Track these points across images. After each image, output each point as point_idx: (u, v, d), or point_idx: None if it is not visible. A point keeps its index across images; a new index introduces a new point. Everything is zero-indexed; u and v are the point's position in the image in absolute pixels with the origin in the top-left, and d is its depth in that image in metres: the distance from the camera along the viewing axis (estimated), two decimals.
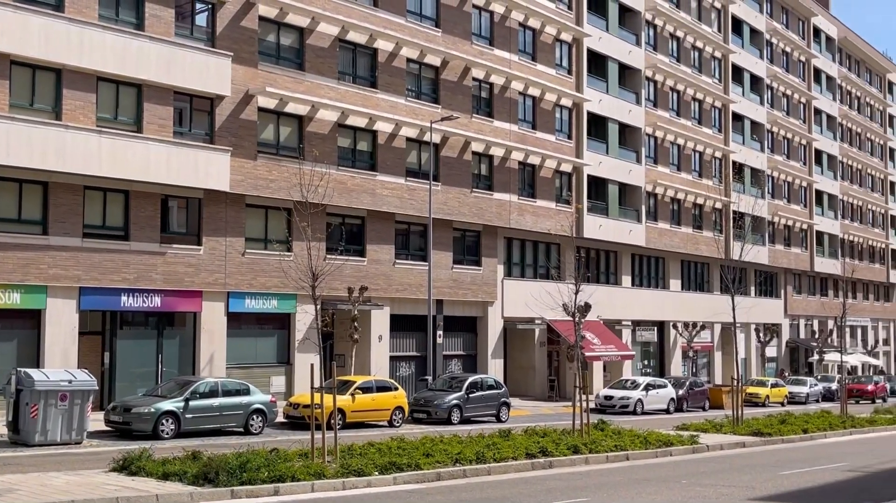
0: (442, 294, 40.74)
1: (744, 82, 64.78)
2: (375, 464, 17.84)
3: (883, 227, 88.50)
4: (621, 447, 22.75)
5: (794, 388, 55.14)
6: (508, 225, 44.21)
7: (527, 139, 45.25)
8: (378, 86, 38.44)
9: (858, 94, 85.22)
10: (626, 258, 53.23)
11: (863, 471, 20.87)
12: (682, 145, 57.37)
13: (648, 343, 55.58)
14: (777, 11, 70.61)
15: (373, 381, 31.60)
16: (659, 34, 55.66)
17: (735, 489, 17.41)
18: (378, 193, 38.09)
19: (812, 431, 29.76)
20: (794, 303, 71.69)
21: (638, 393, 41.40)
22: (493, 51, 43.78)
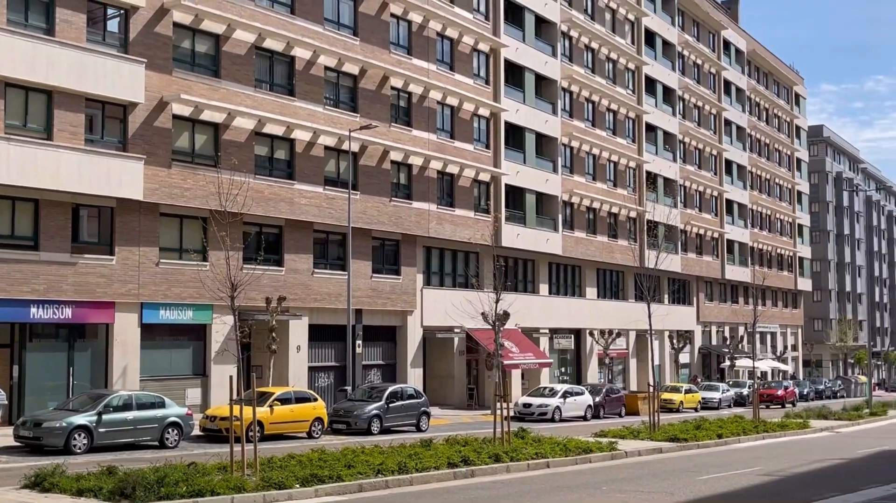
0: (361, 303, 40.54)
1: (656, 93, 65.96)
2: (296, 476, 17.61)
3: (790, 236, 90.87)
4: (542, 454, 22.86)
5: (706, 394, 56.17)
6: (428, 234, 44.22)
7: (445, 148, 45.36)
8: (296, 94, 38.14)
9: (766, 106, 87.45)
10: (543, 266, 53.69)
11: (777, 475, 21.31)
12: (598, 155, 58.14)
13: (565, 350, 56.11)
14: (688, 24, 72.13)
15: (291, 393, 31.25)
16: (574, 45, 56.36)
17: (655, 495, 17.61)
18: (296, 202, 37.75)
19: (726, 436, 30.31)
20: (706, 310, 73.13)
21: (556, 400, 41.71)
22: (412, 60, 43.80)
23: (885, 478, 20.50)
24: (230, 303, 19.09)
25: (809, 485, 19.24)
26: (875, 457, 26.23)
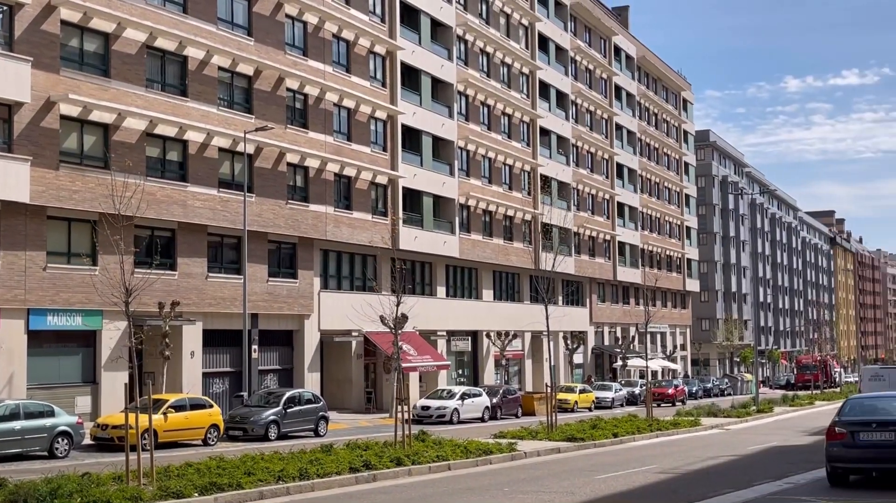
0: (257, 308, 39.99)
1: (550, 98, 66.83)
2: (195, 485, 17.20)
3: (679, 238, 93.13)
4: (443, 457, 22.86)
5: (600, 394, 57.08)
6: (325, 237, 43.89)
7: (342, 151, 45.09)
8: (188, 94, 37.42)
9: (656, 111, 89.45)
10: (440, 269, 53.83)
11: (673, 472, 21.74)
12: (493, 158, 58.59)
13: (463, 352, 56.35)
14: (580, 30, 73.29)
15: (186, 399, 30.60)
16: (470, 49, 56.70)
17: (556, 495, 17.77)
18: (189, 205, 37.02)
19: (622, 435, 30.82)
20: (599, 311, 74.38)
21: (454, 402, 41.85)
22: (308, 61, 43.42)
23: (776, 473, 21.09)
24: (125, 308, 18.56)
25: (704, 482, 19.67)
26: (765, 453, 27.00)
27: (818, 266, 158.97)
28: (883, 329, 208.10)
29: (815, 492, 17.61)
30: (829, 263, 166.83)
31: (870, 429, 17.48)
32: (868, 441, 17.47)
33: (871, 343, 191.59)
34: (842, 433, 17.70)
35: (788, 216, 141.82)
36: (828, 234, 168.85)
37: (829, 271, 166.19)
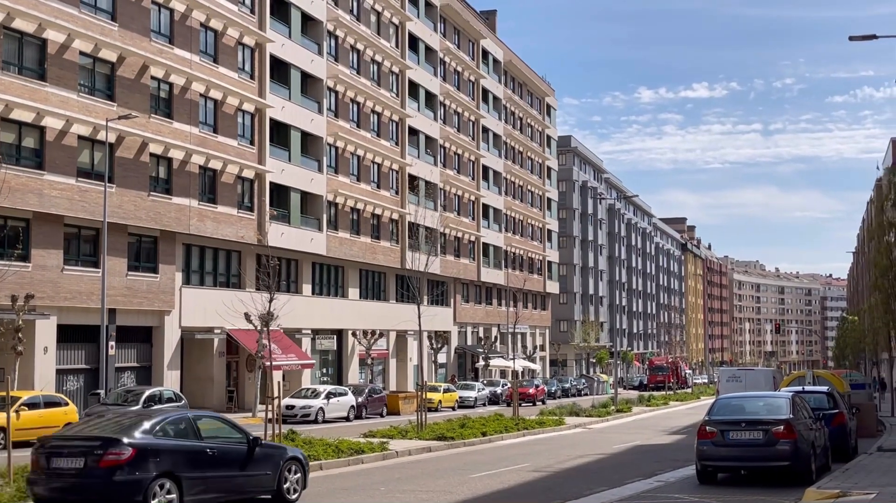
0: (116, 302, 38.53)
1: (419, 98, 66.86)
2: None
3: (541, 241, 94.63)
4: (314, 457, 22.36)
5: (463, 393, 57.33)
6: (188, 231, 42.68)
7: (208, 143, 43.95)
8: (47, 79, 35.80)
9: (521, 115, 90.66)
10: (306, 266, 53.12)
11: (545, 470, 21.88)
12: (362, 156, 58.19)
13: (327, 351, 55.77)
14: (450, 32, 73.60)
15: (40, 397, 29.27)
16: (340, 45, 56.15)
17: (434, 494, 17.60)
18: (46, 194, 35.40)
19: (490, 434, 30.92)
20: (463, 311, 74.84)
21: (319, 401, 41.28)
22: (174, 50, 42.16)
23: (645, 471, 21.46)
24: None
25: (578, 480, 19.84)
26: (631, 452, 27.53)
27: (670, 271, 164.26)
28: (729, 332, 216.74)
29: (685, 489, 17.95)
30: (680, 268, 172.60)
31: (739, 428, 17.96)
32: (738, 440, 17.94)
33: (718, 346, 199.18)
34: (712, 432, 18.12)
35: (643, 222, 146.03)
36: (679, 240, 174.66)
37: (680, 276, 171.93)
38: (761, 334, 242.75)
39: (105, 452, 13.88)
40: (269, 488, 16.09)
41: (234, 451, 15.67)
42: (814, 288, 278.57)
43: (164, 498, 14.15)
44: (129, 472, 13.83)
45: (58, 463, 14.16)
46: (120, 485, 13.79)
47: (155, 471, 14.08)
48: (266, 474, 16.03)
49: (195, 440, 15.13)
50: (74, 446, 14.26)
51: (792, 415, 18.06)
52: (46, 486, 14.26)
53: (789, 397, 19.07)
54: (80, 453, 14.05)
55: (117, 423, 15.11)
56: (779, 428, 17.67)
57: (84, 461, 13.94)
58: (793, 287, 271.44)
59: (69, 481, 14.02)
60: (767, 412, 18.38)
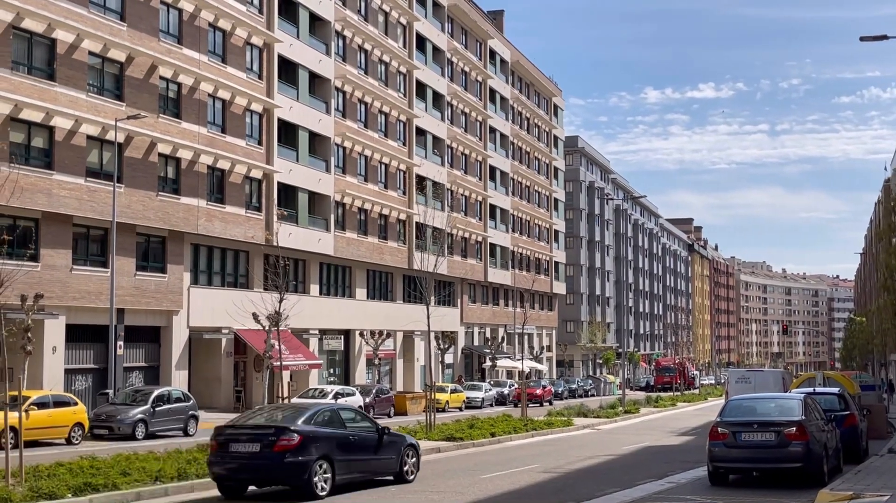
0: (124, 302, 38.56)
1: (427, 98, 66.84)
2: (68, 485, 16.33)
3: (547, 241, 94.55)
4: None
5: (470, 394, 57.36)
6: (196, 231, 42.71)
7: (216, 143, 43.97)
8: (56, 78, 35.84)
9: (528, 116, 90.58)
10: (314, 266, 53.13)
11: (555, 471, 21.84)
12: (370, 156, 58.19)
13: (335, 351, 55.79)
14: (457, 32, 73.57)
15: (49, 396, 29.30)
16: (348, 45, 56.14)
17: (444, 495, 17.57)
18: (55, 194, 35.44)
19: (499, 435, 30.89)
20: (470, 311, 74.82)
21: (327, 402, 41.22)
22: (182, 50, 42.19)
23: (656, 472, 21.40)
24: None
25: (589, 481, 19.79)
26: (640, 453, 27.46)
27: (677, 272, 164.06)
28: (736, 334, 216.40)
29: (697, 490, 17.90)
30: (687, 269, 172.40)
31: (752, 429, 17.89)
32: (750, 441, 17.87)
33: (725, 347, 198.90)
34: (724, 433, 18.06)
35: (650, 222, 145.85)
36: (686, 240, 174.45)
37: (687, 277, 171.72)
38: (768, 335, 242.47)
39: (278, 439, 16.73)
40: (393, 470, 19.16)
41: (369, 439, 18.63)
42: (821, 289, 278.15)
43: (321, 476, 17.08)
44: (296, 455, 16.70)
45: (235, 447, 16.99)
46: (290, 465, 16.67)
47: (315, 454, 17.00)
48: (391, 458, 19.11)
49: (341, 429, 18.10)
50: (250, 434, 17.16)
51: (804, 417, 18.00)
52: (224, 467, 17.10)
53: (801, 398, 19.01)
54: (255, 439, 16.90)
55: (281, 415, 18.13)
56: (791, 429, 17.61)
57: (259, 446, 16.77)
58: (800, 288, 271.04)
59: (245, 462, 16.89)
60: (779, 413, 18.32)
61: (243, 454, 16.91)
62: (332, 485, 17.30)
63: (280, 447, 16.66)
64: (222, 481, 17.40)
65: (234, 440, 17.14)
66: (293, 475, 16.78)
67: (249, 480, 17.40)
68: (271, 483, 17.32)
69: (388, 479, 19.00)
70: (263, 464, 16.77)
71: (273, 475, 16.91)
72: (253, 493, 17.81)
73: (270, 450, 16.64)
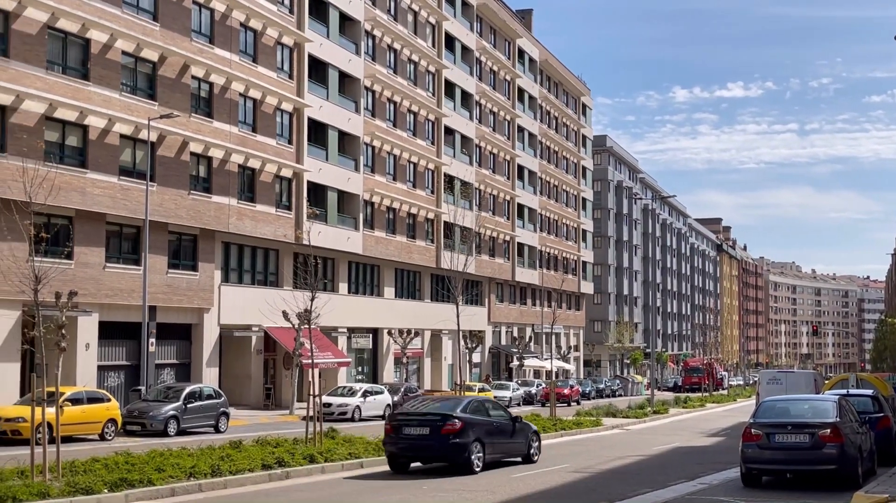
0: (156, 300, 38.88)
1: (455, 97, 66.90)
2: (104, 480, 16.52)
3: (575, 241, 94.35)
4: (355, 455, 22.52)
5: (498, 393, 57.21)
6: (227, 229, 42.99)
7: (247, 142, 44.24)
8: (90, 78, 36.19)
9: (556, 115, 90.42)
10: (343, 265, 53.32)
11: (586, 471, 21.82)
12: (398, 155, 58.32)
13: (363, 350, 55.97)
14: (486, 31, 73.55)
15: (83, 393, 29.64)
16: (378, 45, 56.30)
17: (477, 493, 17.61)
18: (88, 192, 35.79)
19: None
20: (497, 310, 74.78)
21: (356, 399, 41.44)
22: (214, 49, 42.47)
23: (688, 473, 21.34)
24: (34, 297, 17.90)
25: (620, 481, 19.77)
26: (671, 453, 27.38)
27: (706, 272, 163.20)
28: (764, 334, 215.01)
29: (730, 492, 17.83)
30: (715, 269, 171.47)
31: (785, 431, 17.80)
32: (784, 443, 17.77)
33: (754, 348, 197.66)
34: (758, 435, 17.97)
35: (679, 222, 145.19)
36: (715, 241, 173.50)
37: (715, 277, 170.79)
38: (797, 336, 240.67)
39: (444, 423, 20.48)
40: (522, 453, 23.09)
41: (506, 425, 22.46)
42: (851, 290, 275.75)
43: (476, 455, 20.77)
44: (458, 437, 20.45)
45: (408, 430, 20.79)
46: (453, 445, 20.47)
47: (472, 437, 20.73)
48: (521, 442, 23.05)
49: (487, 417, 21.92)
50: (420, 419, 21.00)
51: (838, 419, 17.88)
52: (397, 446, 20.92)
53: (835, 400, 18.88)
54: (424, 424, 20.74)
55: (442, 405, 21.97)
56: (825, 431, 17.50)
57: (429, 429, 20.58)
58: (829, 289, 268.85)
59: (415, 442, 20.75)
60: (813, 415, 18.20)
61: (414, 436, 20.61)
62: (483, 463, 20.93)
63: (446, 430, 20.36)
64: (395, 458, 21.15)
65: (406, 424, 20.86)
66: (456, 454, 20.47)
67: (418, 458, 21.30)
68: (437, 460, 21.03)
69: (518, 461, 22.83)
70: (431, 445, 20.52)
71: (439, 453, 20.75)
72: (415, 469, 21.33)
73: (438, 433, 20.37)
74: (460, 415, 20.63)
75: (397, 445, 20.81)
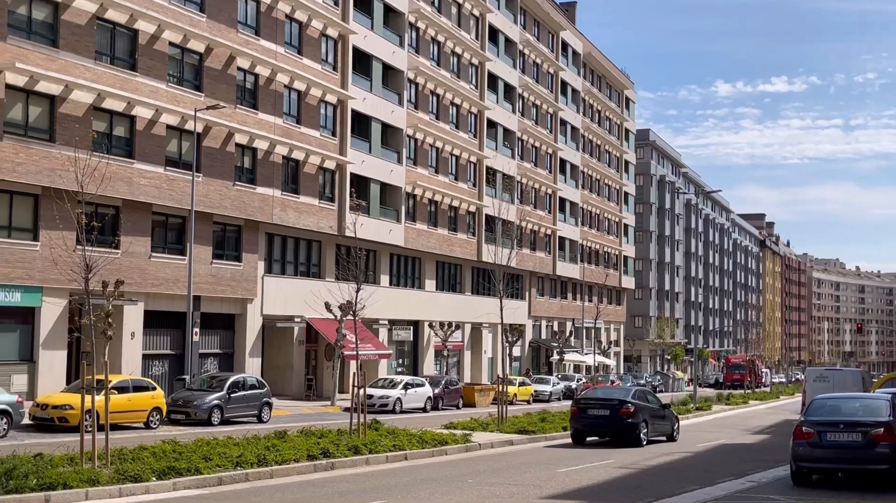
0: (200, 290, 39.12)
1: (498, 90, 66.66)
2: (152, 469, 16.65)
3: (617, 235, 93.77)
4: (399, 447, 22.52)
5: (539, 387, 57.18)
6: (271, 220, 43.16)
7: (291, 133, 44.37)
8: (138, 69, 36.43)
9: (599, 108, 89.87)
10: (384, 257, 53.36)
11: (632, 467, 21.65)
12: (441, 148, 58.24)
13: (404, 342, 56.01)
14: (530, 24, 73.22)
15: (129, 381, 29.88)
16: (421, 37, 56.23)
17: (524, 488, 17.53)
18: (135, 182, 36.07)
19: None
20: (538, 304, 74.54)
21: (397, 391, 41.49)
22: (259, 41, 42.61)
23: (736, 471, 21.11)
24: (84, 286, 18.08)
25: (667, 478, 19.59)
26: (716, 451, 27.12)
27: (748, 268, 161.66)
28: (807, 332, 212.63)
29: (780, 490, 17.60)
30: (758, 265, 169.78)
31: (837, 429, 17.53)
32: (835, 441, 17.51)
33: (796, 345, 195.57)
34: (809, 433, 17.71)
35: (721, 217, 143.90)
36: (758, 236, 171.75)
37: (758, 273, 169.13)
38: (840, 334, 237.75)
39: (622, 406, 26.91)
40: (668, 433, 29.51)
41: (659, 411, 28.88)
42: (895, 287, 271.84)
43: (643, 432, 27.11)
44: (632, 418, 26.81)
45: (592, 412, 27.33)
46: (628, 424, 26.85)
47: (641, 418, 27.09)
48: (668, 424, 29.55)
49: (647, 402, 28.24)
50: (601, 403, 27.52)
51: (892, 418, 17.58)
52: (582, 424, 27.41)
53: (889, 398, 18.56)
54: (605, 407, 27.14)
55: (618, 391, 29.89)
56: (879, 430, 17.21)
57: (609, 411, 26.87)
58: (874, 286, 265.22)
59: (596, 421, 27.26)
60: (866, 413, 17.90)
61: (597, 416, 27.00)
62: (647, 439, 27.32)
63: (622, 412, 26.63)
64: (579, 433, 27.58)
65: (590, 407, 27.31)
66: (629, 431, 26.80)
67: (598, 433, 27.62)
68: (612, 436, 27.20)
69: (662, 440, 28.87)
70: (610, 423, 26.83)
71: (616, 430, 26.98)
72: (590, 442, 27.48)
73: (617, 414, 26.64)
74: (632, 400, 27.09)
75: (582, 423, 27.27)
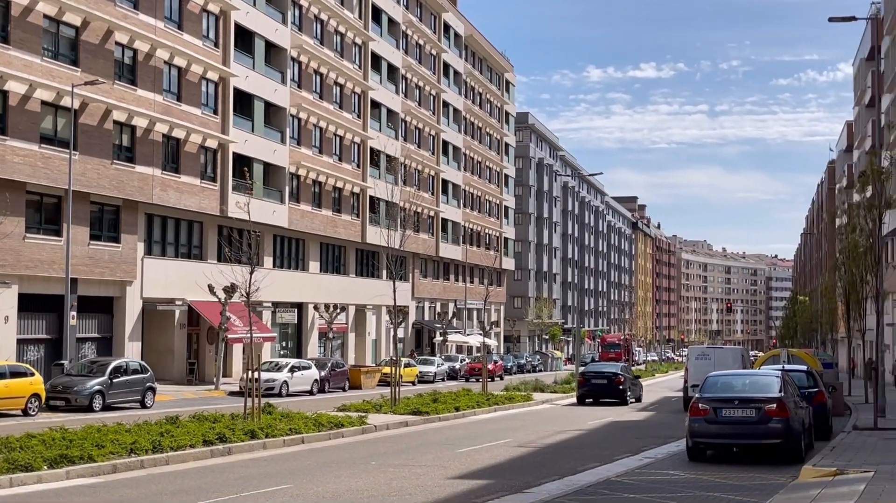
0: (77, 272, 37.72)
1: (381, 71, 66.25)
2: (43, 457, 15.93)
3: (497, 217, 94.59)
4: (296, 430, 22.16)
5: (423, 368, 57.27)
6: (151, 200, 41.93)
7: (171, 111, 43.15)
8: (10, 42, 34.81)
9: (481, 91, 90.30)
10: (268, 239, 52.46)
11: (530, 446, 21.84)
12: (325, 128, 57.58)
13: (287, 324, 55.32)
14: (412, 4, 72.93)
15: (6, 367, 28.63)
16: (304, 14, 55.35)
17: (428, 468, 17.45)
18: (8, 160, 34.51)
19: (463, 409, 30.84)
20: (421, 286, 74.66)
21: (283, 374, 40.92)
22: (139, 15, 41.24)
23: (630, 447, 21.52)
24: None
25: (567, 456, 19.81)
26: (608, 428, 27.61)
27: (621, 249, 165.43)
28: (677, 311, 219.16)
29: (677, 465, 17.98)
30: (630, 247, 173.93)
31: (732, 405, 17.99)
32: (731, 417, 17.97)
33: (666, 324, 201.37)
34: (705, 409, 18.13)
35: (596, 200, 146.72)
36: (630, 219, 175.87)
37: (630, 255, 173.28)
38: (707, 313, 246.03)
39: (615, 377, 38.41)
40: (638, 396, 41.10)
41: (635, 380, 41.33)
42: (759, 268, 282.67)
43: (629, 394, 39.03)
44: (622, 385, 38.44)
45: (595, 381, 38.71)
46: (621, 390, 38.30)
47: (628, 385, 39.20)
48: (638, 390, 41.35)
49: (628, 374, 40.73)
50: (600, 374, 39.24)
51: (783, 394, 18.15)
52: (586, 389, 38.53)
53: (779, 375, 19.16)
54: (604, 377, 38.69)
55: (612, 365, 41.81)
56: (771, 406, 17.74)
57: (606, 380, 38.56)
58: (739, 267, 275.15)
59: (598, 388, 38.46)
60: (759, 390, 18.43)
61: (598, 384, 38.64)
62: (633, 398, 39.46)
63: (616, 381, 38.31)
64: (583, 397, 38.42)
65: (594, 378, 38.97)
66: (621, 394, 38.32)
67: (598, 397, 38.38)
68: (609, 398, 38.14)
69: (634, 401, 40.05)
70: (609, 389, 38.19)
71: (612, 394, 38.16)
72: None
73: (612, 382, 38.27)
74: (621, 373, 38.49)
75: (586, 388, 38.15)
